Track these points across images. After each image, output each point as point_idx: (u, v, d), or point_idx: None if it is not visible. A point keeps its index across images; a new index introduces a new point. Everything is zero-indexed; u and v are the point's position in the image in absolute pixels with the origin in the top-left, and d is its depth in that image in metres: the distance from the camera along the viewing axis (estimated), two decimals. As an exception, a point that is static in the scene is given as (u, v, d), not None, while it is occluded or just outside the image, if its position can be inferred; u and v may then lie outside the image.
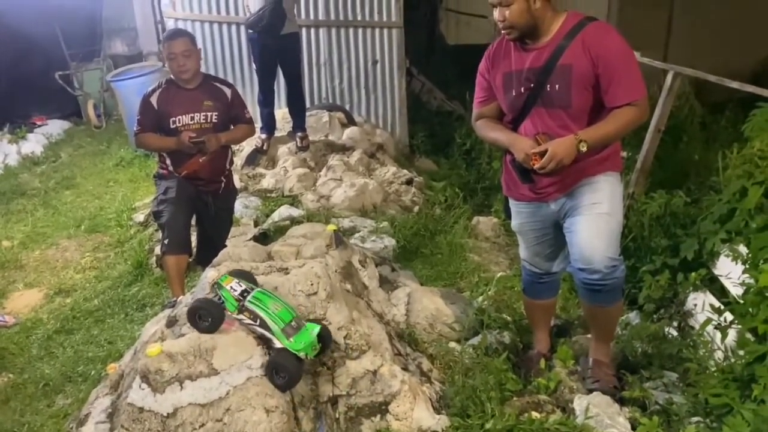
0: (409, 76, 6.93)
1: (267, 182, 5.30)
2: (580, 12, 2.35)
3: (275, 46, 5.16)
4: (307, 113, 5.76)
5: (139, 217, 5.18)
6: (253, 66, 5.60)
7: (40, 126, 7.29)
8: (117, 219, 5.14)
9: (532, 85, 2.34)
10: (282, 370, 2.05)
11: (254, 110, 5.98)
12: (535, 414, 2.24)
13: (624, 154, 5.58)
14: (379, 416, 2.21)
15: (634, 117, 2.23)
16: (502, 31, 2.37)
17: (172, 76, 3.43)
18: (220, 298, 2.18)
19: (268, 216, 4.80)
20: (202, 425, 2.02)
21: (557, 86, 2.29)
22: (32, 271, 4.59)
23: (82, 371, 3.36)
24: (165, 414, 2.02)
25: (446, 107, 7.56)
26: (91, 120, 7.46)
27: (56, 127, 7.43)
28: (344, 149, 5.70)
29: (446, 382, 2.64)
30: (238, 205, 4.99)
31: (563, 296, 3.47)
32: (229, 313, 2.16)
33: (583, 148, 2.18)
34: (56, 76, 7.26)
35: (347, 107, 6.29)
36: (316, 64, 6.24)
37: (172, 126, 3.36)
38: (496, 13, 2.31)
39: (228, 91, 3.51)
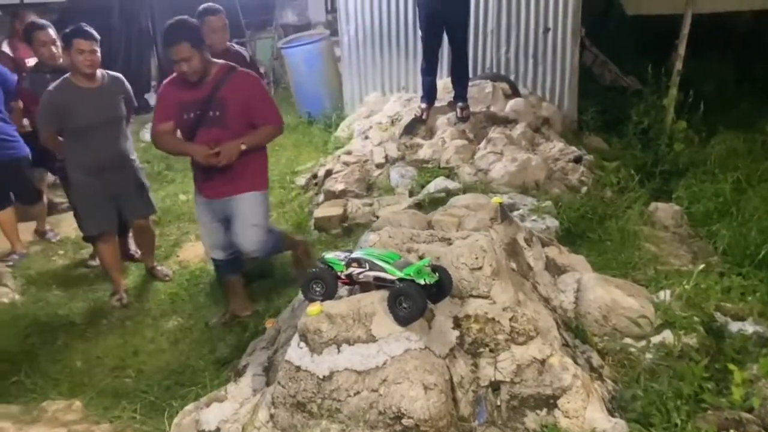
0: (581, 47, 6.39)
1: (424, 152, 5.16)
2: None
3: (443, 12, 4.97)
4: (470, 83, 5.52)
5: (301, 180, 5.32)
6: (419, 33, 5.46)
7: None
8: (280, 181, 5.32)
9: None
10: (406, 297, 1.97)
11: (417, 79, 5.87)
12: (737, 435, 1.88)
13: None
14: (545, 410, 1.98)
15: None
16: None
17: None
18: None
19: (423, 187, 4.67)
20: (357, 393, 1.93)
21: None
22: (203, 224, 4.88)
23: (241, 322, 3.49)
24: (321, 376, 1.96)
25: (621, 82, 6.92)
26: (261, 86, 7.83)
27: (229, 92, 7.90)
28: (506, 122, 5.38)
29: (620, 382, 2.33)
30: (395, 174, 4.94)
31: (763, 300, 2.97)
32: (339, 273, 2.15)
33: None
34: (233, 43, 7.67)
35: (512, 77, 5.94)
36: (482, 31, 5.94)
37: None
38: None
39: None
